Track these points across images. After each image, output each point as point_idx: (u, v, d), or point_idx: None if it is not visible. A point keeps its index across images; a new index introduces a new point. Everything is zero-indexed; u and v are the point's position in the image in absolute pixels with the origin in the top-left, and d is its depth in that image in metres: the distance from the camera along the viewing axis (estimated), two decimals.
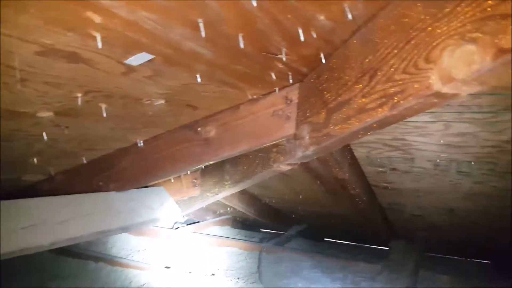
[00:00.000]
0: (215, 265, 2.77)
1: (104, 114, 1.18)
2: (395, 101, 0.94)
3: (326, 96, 1.20)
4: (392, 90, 0.95)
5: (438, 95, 0.86)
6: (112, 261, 2.73)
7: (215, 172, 2.24)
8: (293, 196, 2.92)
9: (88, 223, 1.51)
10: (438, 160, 1.86)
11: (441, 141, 1.68)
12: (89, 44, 0.83)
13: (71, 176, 1.76)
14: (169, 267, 2.60)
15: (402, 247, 2.89)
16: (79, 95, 1.08)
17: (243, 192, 3.08)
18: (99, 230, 1.52)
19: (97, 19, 0.75)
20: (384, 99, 0.98)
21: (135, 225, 1.67)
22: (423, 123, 1.58)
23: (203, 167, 2.38)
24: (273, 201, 3.28)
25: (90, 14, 0.73)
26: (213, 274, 2.57)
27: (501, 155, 1.68)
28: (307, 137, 1.30)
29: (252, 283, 2.49)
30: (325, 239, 3.93)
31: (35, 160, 1.48)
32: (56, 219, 1.40)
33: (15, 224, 1.28)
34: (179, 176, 2.42)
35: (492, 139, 1.58)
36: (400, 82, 0.93)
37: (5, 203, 1.31)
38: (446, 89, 0.83)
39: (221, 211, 3.80)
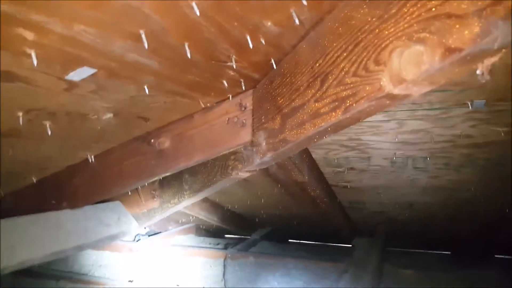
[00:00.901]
0: (179, 276, 2.69)
1: (49, 133, 1.11)
2: (348, 104, 0.94)
3: (280, 101, 1.18)
4: (344, 93, 0.94)
5: (390, 96, 0.86)
6: (73, 279, 2.61)
7: (174, 182, 2.17)
8: (255, 200, 2.90)
9: (40, 245, 1.41)
10: (394, 158, 1.90)
11: (396, 139, 1.72)
12: (24, 62, 0.78)
13: (21, 197, 1.64)
14: (132, 281, 2.50)
15: (365, 243, 2.94)
16: (20, 114, 1.00)
17: (204, 200, 3.03)
18: (52, 251, 1.42)
19: (29, 36, 0.71)
20: (336, 103, 0.97)
21: (91, 244, 1.57)
22: (377, 123, 1.61)
23: (161, 178, 2.31)
24: (235, 206, 3.25)
25: (21, 31, 0.69)
26: (177, 285, 2.49)
27: (455, 149, 1.74)
28: (264, 144, 1.28)
29: None
30: (289, 240, 3.95)
31: None
32: (6, 244, 1.29)
33: None
34: (137, 188, 2.33)
35: (445, 134, 1.63)
36: (352, 85, 0.92)
37: None
38: (397, 91, 0.83)
39: (183, 220, 3.72)
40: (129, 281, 2.56)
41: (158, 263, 2.87)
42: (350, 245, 3.11)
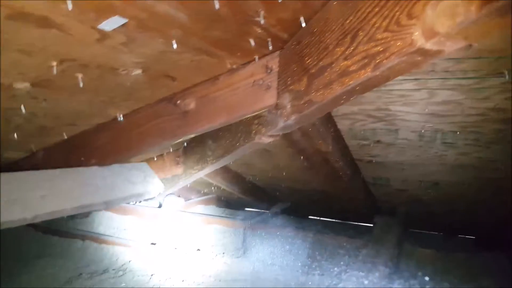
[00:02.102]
0: (200, 242, 2.77)
1: (81, 85, 1.14)
2: (378, 61, 0.92)
3: (307, 61, 1.16)
4: (375, 50, 0.92)
5: (422, 51, 0.83)
6: (98, 239, 2.73)
7: (197, 148, 2.20)
8: (276, 173, 2.91)
9: (69, 197, 1.48)
10: (422, 131, 1.85)
11: (426, 110, 1.67)
12: (60, 7, 0.79)
13: (53, 153, 1.71)
14: (154, 244, 2.59)
15: (386, 222, 2.92)
16: (54, 64, 1.03)
17: (226, 170, 3.06)
18: (81, 204, 1.49)
19: None
20: (366, 60, 0.95)
21: (117, 200, 1.63)
22: (407, 91, 1.56)
23: (185, 144, 2.35)
24: (257, 178, 3.27)
25: None
26: (198, 250, 2.56)
27: (486, 124, 1.68)
28: (289, 106, 1.27)
29: (237, 257, 2.49)
30: (309, 217, 3.96)
31: (15, 135, 1.43)
32: (37, 193, 1.36)
33: None
34: (162, 154, 2.39)
35: (477, 107, 1.57)
36: (383, 41, 0.90)
37: None
38: (429, 45, 0.81)
39: (205, 190, 3.79)
40: (152, 243, 2.65)
41: (180, 229, 2.96)
42: (371, 224, 3.10)
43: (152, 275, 2.28)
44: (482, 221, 2.90)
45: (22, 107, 1.19)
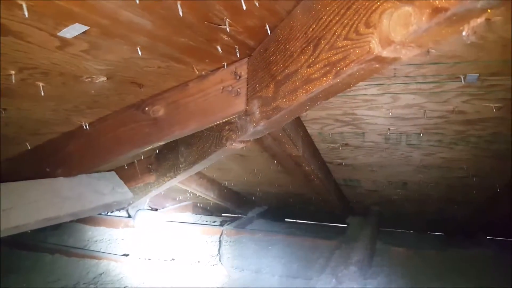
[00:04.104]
0: (175, 251, 2.74)
1: (43, 93, 1.11)
2: (338, 68, 0.95)
3: (274, 69, 1.18)
4: (335, 57, 0.95)
5: (379, 59, 0.87)
6: (68, 252, 2.65)
7: (169, 155, 2.19)
8: (251, 178, 2.92)
9: (34, 211, 1.44)
10: (388, 134, 1.91)
11: (390, 114, 1.73)
12: (16, 13, 0.78)
13: (17, 164, 1.66)
14: (127, 255, 2.54)
15: (359, 222, 2.99)
16: (13, 72, 1.01)
17: (201, 177, 3.05)
18: (47, 217, 1.45)
19: None
20: (328, 68, 0.98)
21: (85, 211, 1.60)
22: (371, 96, 1.61)
23: (157, 151, 2.33)
24: (232, 184, 3.27)
25: None
26: (172, 259, 2.53)
27: (448, 126, 1.75)
28: (257, 112, 1.29)
29: (213, 265, 2.48)
30: (285, 219, 3.99)
31: None
32: (1, 207, 1.31)
33: None
34: (133, 162, 2.35)
35: (438, 110, 1.64)
36: (343, 49, 0.93)
37: None
38: (386, 53, 0.84)
39: (180, 198, 3.75)
40: (125, 255, 2.60)
41: (154, 238, 2.92)
42: (345, 225, 3.17)
43: (125, 287, 2.24)
44: (450, 218, 3.01)
45: None
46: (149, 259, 2.50)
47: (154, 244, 2.82)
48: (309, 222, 3.88)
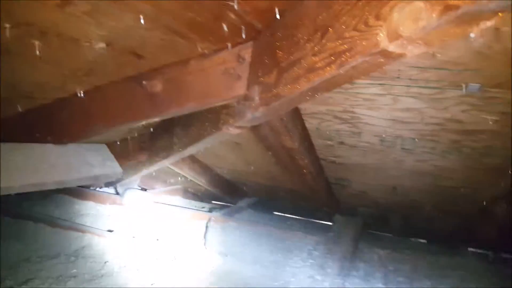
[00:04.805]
0: (160, 232, 2.73)
1: (38, 53, 1.09)
2: (343, 59, 0.93)
3: (279, 55, 1.17)
4: (341, 48, 0.94)
5: (385, 53, 0.86)
6: (52, 222, 2.62)
7: (164, 135, 2.17)
8: (244, 167, 2.91)
9: (20, 174, 1.41)
10: (384, 136, 1.90)
11: (389, 116, 1.72)
12: None
13: (5, 126, 1.63)
14: (112, 231, 2.53)
15: (344, 221, 2.99)
16: (7, 25, 0.97)
17: (194, 161, 3.03)
18: (32, 182, 1.42)
19: None
20: (332, 58, 0.97)
21: (72, 181, 1.58)
22: (372, 96, 1.60)
23: (151, 129, 2.30)
24: (225, 171, 3.26)
25: None
26: (157, 240, 2.52)
27: (443, 134, 1.75)
28: (257, 98, 1.28)
29: (198, 249, 2.48)
30: (274, 212, 3.99)
31: None
32: None
33: None
34: (126, 139, 2.33)
35: (436, 116, 1.63)
36: (350, 40, 0.91)
37: None
38: (392, 47, 0.83)
39: (171, 181, 3.73)
40: (109, 230, 2.59)
41: (141, 218, 2.91)
42: (330, 223, 3.18)
43: (106, 262, 2.22)
44: (434, 226, 3.03)
45: None
46: (133, 237, 2.49)
47: (140, 223, 2.81)
48: (297, 217, 3.89)
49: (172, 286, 2.02)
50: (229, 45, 1.30)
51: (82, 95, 1.48)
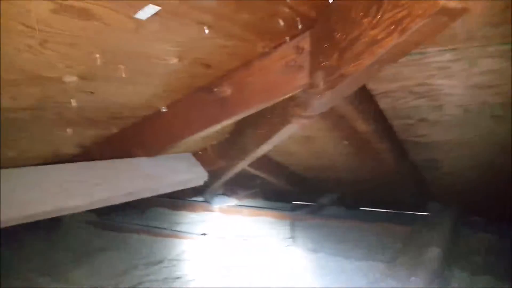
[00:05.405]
0: (248, 233, 2.85)
1: (123, 75, 1.22)
2: (404, 25, 0.91)
3: (337, 36, 1.17)
4: (400, 15, 0.92)
5: (445, 11, 0.82)
6: (152, 232, 2.88)
7: (238, 138, 2.27)
8: (319, 161, 2.89)
9: (120, 185, 1.59)
10: (468, 105, 1.76)
11: (468, 82, 1.60)
12: None
13: (104, 147, 1.83)
14: (205, 234, 2.70)
15: (439, 209, 2.80)
16: (97, 55, 1.10)
17: (270, 162, 3.10)
18: (131, 191, 1.59)
19: None
20: (393, 26, 0.95)
21: (164, 187, 1.73)
22: (445, 63, 1.50)
23: (227, 135, 2.42)
24: (301, 168, 3.26)
25: None
26: (245, 239, 2.63)
27: None
28: (322, 83, 1.29)
29: (287, 246, 2.53)
30: (360, 208, 3.87)
31: (67, 130, 1.53)
32: (90, 182, 1.48)
33: (52, 187, 1.37)
34: (205, 148, 2.48)
35: None
36: (407, 5, 0.89)
37: (44, 168, 1.41)
38: (452, 3, 0.80)
39: (251, 184, 3.84)
40: (202, 234, 2.76)
41: (229, 221, 3.08)
42: (424, 213, 2.99)
43: (204, 262, 2.38)
44: None
45: (73, 100, 1.29)
46: (223, 238, 2.64)
47: (229, 226, 2.97)
48: (386, 210, 3.72)
49: (265, 281, 2.08)
50: (287, 38, 1.33)
51: (164, 110, 1.62)
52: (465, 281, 2.01)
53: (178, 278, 2.22)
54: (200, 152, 2.45)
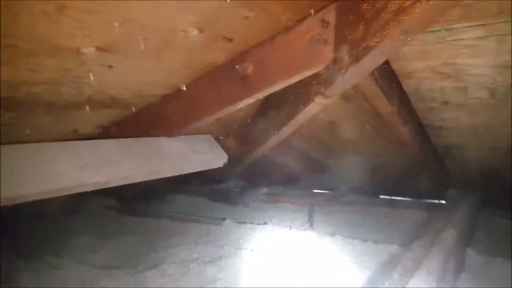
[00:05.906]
0: (267, 217, 2.85)
1: (143, 47, 1.19)
2: None
3: (363, 7, 1.15)
4: None
5: None
6: (173, 217, 2.93)
7: (259, 120, 2.26)
8: (342, 148, 2.87)
9: (140, 164, 1.60)
10: (494, 86, 1.71)
11: (497, 62, 1.54)
12: None
13: (124, 127, 1.85)
14: (225, 219, 2.71)
15: (460, 195, 2.73)
16: (116, 24, 1.06)
17: (291, 148, 3.09)
18: (151, 170, 1.61)
19: None
20: None
21: (184, 167, 1.74)
22: (474, 40, 1.46)
23: (248, 120, 2.42)
24: (322, 155, 3.25)
25: None
26: (265, 223, 2.64)
27: None
28: (346, 57, 1.27)
29: (304, 229, 2.52)
30: (380, 196, 3.83)
31: (87, 108, 1.53)
32: (109, 159, 1.49)
33: (73, 163, 1.38)
34: (228, 133, 2.48)
35: None
36: None
37: (63, 144, 1.42)
38: None
39: (271, 171, 3.83)
40: (222, 218, 2.77)
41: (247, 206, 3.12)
42: (444, 201, 2.94)
43: (223, 246, 2.40)
44: None
45: (91, 75, 1.26)
46: (244, 222, 2.64)
47: (248, 210, 3.00)
48: (406, 199, 3.67)
49: (284, 262, 2.08)
50: (312, 11, 1.31)
51: (184, 88, 1.63)
52: (481, 263, 1.97)
53: (195, 259, 2.24)
54: (221, 138, 2.46)
